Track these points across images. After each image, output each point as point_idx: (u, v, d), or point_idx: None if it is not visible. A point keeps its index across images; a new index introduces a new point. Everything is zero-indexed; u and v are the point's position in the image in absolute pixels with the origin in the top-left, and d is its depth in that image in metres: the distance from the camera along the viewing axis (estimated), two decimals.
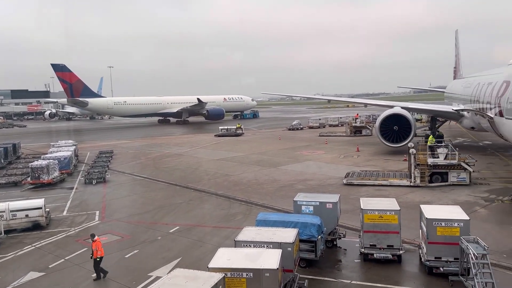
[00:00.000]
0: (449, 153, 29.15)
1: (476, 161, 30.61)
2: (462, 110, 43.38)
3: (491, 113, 30.78)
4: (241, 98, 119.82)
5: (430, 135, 34.64)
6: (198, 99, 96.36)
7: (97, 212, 26.76)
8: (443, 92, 74.14)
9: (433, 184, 29.16)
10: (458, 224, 15.62)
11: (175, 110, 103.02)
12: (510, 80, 27.35)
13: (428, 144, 31.06)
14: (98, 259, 17.01)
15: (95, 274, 17.02)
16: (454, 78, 72.69)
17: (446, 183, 29.19)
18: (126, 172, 40.66)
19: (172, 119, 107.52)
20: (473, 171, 29.31)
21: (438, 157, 29.33)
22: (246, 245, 14.76)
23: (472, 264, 13.69)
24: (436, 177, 29.44)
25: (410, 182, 29.56)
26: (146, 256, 19.16)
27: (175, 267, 16.90)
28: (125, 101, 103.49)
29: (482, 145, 47.77)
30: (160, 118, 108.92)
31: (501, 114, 27.81)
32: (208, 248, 19.38)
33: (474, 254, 13.69)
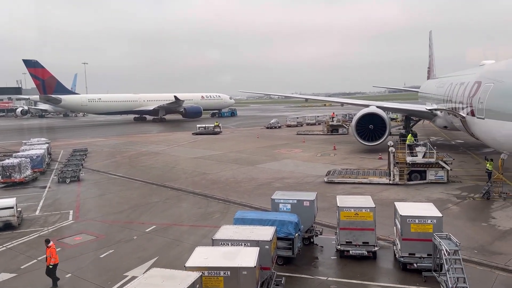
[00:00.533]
0: (428, 151, 29.83)
1: (453, 159, 31.42)
2: (436, 109, 44.47)
3: (463, 113, 31.66)
4: (219, 96, 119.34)
5: (409, 134, 35.42)
6: (175, 96, 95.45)
7: (71, 211, 26.17)
8: (417, 92, 75.85)
9: (412, 182, 29.77)
10: (431, 221, 16.00)
11: (152, 108, 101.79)
12: (481, 81, 28.17)
13: (407, 142, 31.69)
14: (51, 266, 16.08)
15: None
16: (428, 78, 74.47)
17: (425, 181, 29.84)
18: (101, 170, 39.92)
19: (148, 117, 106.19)
20: (451, 169, 30.04)
21: (416, 155, 29.95)
22: (224, 244, 14.73)
23: (444, 260, 14.05)
24: (415, 175, 30.07)
25: (390, 180, 30.10)
26: (121, 256, 18.86)
27: (151, 266, 16.69)
28: (100, 99, 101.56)
29: (455, 143, 49.09)
30: (136, 116, 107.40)
31: (472, 114, 28.63)
32: (185, 247, 19.24)
33: (446, 250, 14.06)
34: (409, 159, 29.83)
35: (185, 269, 12.44)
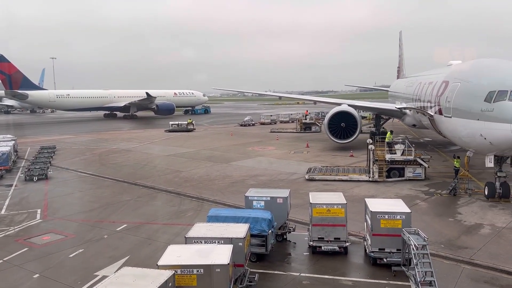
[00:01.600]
0: (406, 149, 30.53)
1: (431, 157, 32.27)
2: (405, 108, 45.58)
3: (431, 112, 32.57)
4: (192, 93, 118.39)
5: (388, 132, 36.19)
6: (147, 93, 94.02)
7: (39, 210, 25.39)
8: (387, 91, 77.50)
9: (390, 179, 30.41)
10: (400, 217, 16.42)
11: (122, 105, 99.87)
12: (448, 81, 29.07)
13: (386, 140, 32.37)
14: None
15: None
16: (398, 77, 76.16)
17: (403, 178, 30.53)
18: (70, 168, 38.89)
19: (119, 114, 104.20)
20: (428, 166, 30.85)
21: (395, 153, 30.61)
22: (197, 242, 14.66)
23: (413, 255, 14.45)
24: (394, 172, 30.72)
25: (369, 177, 30.64)
26: (92, 255, 18.46)
27: (123, 265, 16.41)
28: (69, 94, 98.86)
29: (423, 141, 50.52)
30: (106, 112, 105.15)
31: (440, 112, 29.51)
32: (158, 245, 19.01)
33: (415, 245, 14.46)
34: (388, 157, 30.47)
35: (157, 267, 12.31)
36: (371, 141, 31.90)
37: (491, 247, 18.05)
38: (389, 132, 36.50)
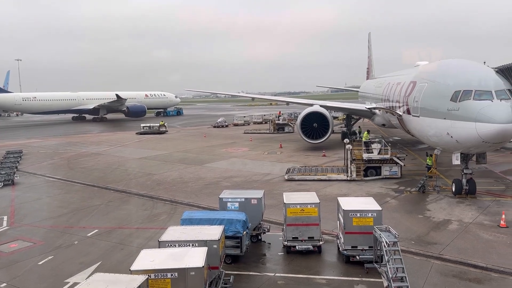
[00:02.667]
0: (382, 148, 31.17)
1: (406, 155, 32.95)
2: (374, 108, 46.57)
3: (399, 111, 33.39)
4: (164, 95, 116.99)
5: (365, 131, 36.83)
6: (116, 95, 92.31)
7: (5, 217, 24.46)
8: (358, 91, 78.97)
9: (368, 178, 30.94)
10: (371, 214, 16.74)
11: (92, 107, 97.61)
12: (416, 81, 29.87)
13: (364, 139, 32.95)
14: None
15: None
16: (367, 78, 77.74)
17: (380, 177, 31.13)
18: (38, 173, 37.67)
19: (88, 117, 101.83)
20: (404, 165, 31.54)
21: (372, 152, 31.18)
22: (171, 245, 14.48)
23: (384, 252, 14.74)
24: (371, 171, 31.28)
25: (347, 176, 31.06)
26: (62, 262, 17.93)
27: (94, 271, 16.02)
28: (35, 97, 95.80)
29: (392, 140, 51.70)
30: (75, 115, 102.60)
31: (408, 112, 30.29)
32: (131, 250, 18.68)
33: (386, 242, 14.76)
34: (365, 156, 31.00)
35: (130, 272, 12.09)
36: (348, 141, 32.45)
37: (459, 242, 18.65)
38: (366, 132, 37.18)
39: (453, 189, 26.02)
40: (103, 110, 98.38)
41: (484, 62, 29.35)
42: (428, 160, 30.27)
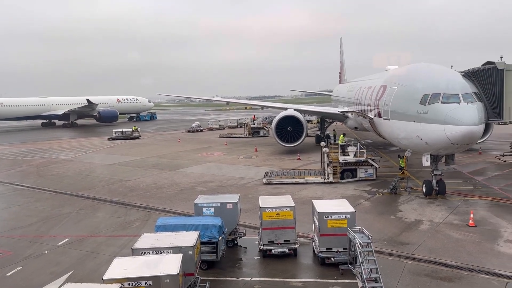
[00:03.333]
0: (358, 150, 31.66)
1: (381, 157, 33.51)
2: (347, 112, 47.36)
3: (371, 115, 34.05)
4: (136, 99, 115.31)
5: (341, 134, 37.39)
6: (87, 100, 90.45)
7: None
8: (331, 95, 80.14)
9: (344, 180, 31.34)
10: (345, 216, 16.96)
11: (62, 112, 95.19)
12: (386, 85, 30.55)
13: (340, 142, 33.37)
14: None
15: None
16: (340, 82, 79.00)
17: (356, 179, 31.57)
18: (5, 181, 36.36)
19: (58, 122, 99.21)
20: (379, 167, 32.06)
21: (348, 155, 31.60)
22: (145, 253, 14.23)
23: (358, 253, 14.94)
24: (347, 173, 31.71)
25: (324, 179, 31.39)
26: (31, 272, 17.34)
27: (66, 281, 15.56)
28: (2, 103, 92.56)
29: (364, 143, 52.55)
30: (44, 121, 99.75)
31: (379, 115, 30.92)
32: (103, 259, 18.25)
33: (360, 243, 14.96)
34: (341, 158, 31.41)
35: (103, 282, 11.82)
36: (324, 144, 32.86)
37: (430, 242, 19.12)
38: (342, 135, 37.71)
39: (424, 190, 26.70)
40: (74, 116, 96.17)
41: (451, 66, 30.35)
42: (400, 162, 30.97)
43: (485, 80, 25.69)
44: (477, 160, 38.77)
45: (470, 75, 26.08)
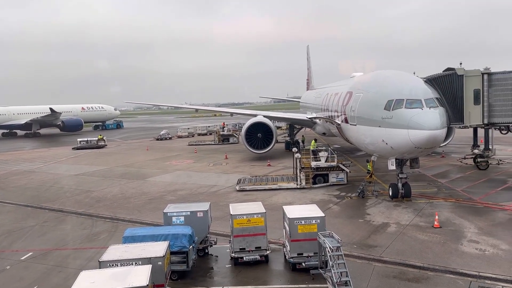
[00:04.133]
0: (329, 156, 32.06)
1: (351, 162, 34.00)
2: (315, 118, 48.04)
3: (338, 121, 34.67)
4: (102, 107, 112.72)
5: (313, 140, 37.76)
6: (50, 109, 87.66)
7: None
8: (299, 101, 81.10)
9: (316, 185, 31.66)
10: (315, 221, 17.13)
11: (23, 122, 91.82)
12: (352, 91, 31.22)
13: (311, 148, 33.71)
14: None
15: None
16: (307, 89, 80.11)
17: (328, 184, 31.97)
18: None
19: (20, 132, 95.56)
20: (350, 171, 32.57)
21: (320, 160, 31.93)
22: (113, 265, 13.86)
23: (328, 257, 15.08)
24: (319, 178, 32.07)
25: (297, 185, 31.62)
26: None
27: None
28: None
29: (332, 148, 53.48)
30: (5, 131, 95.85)
31: (346, 121, 31.53)
32: (69, 272, 17.63)
33: (330, 247, 15.13)
34: (313, 164, 31.75)
35: None
36: (296, 150, 33.19)
37: (397, 244, 19.58)
38: (313, 141, 38.11)
39: (390, 193, 27.36)
40: (36, 125, 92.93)
41: (414, 73, 31.43)
42: (368, 166, 31.67)
43: (446, 86, 26.71)
44: (440, 163, 40.15)
45: (432, 81, 27.04)
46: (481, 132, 38.20)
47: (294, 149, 34.03)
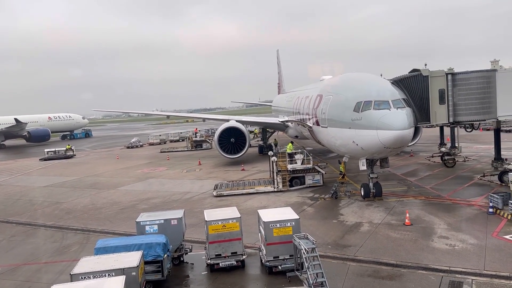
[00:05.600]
0: (305, 158, 32.28)
1: (327, 163, 34.30)
2: (287, 121, 48.40)
3: (309, 123, 35.07)
4: (69, 116, 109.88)
5: (289, 143, 38.05)
6: (15, 119, 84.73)
7: None
8: (271, 105, 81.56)
9: (293, 188, 31.87)
10: (290, 224, 17.21)
11: None
12: (322, 94, 31.66)
13: (288, 151, 33.85)
14: None
15: None
16: (279, 93, 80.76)
17: (304, 186, 32.20)
18: None
19: None
20: (325, 173, 32.86)
21: (296, 163, 32.10)
22: (85, 277, 13.49)
23: (304, 259, 15.19)
24: (296, 181, 32.30)
25: (274, 188, 31.71)
26: None
27: None
28: None
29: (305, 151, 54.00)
30: None
31: (317, 123, 31.93)
32: (40, 287, 17.03)
33: (305, 249, 15.25)
34: (290, 167, 31.91)
35: None
36: (272, 153, 33.31)
37: (371, 243, 19.92)
38: (290, 144, 38.33)
39: (362, 193, 27.86)
40: (1, 137, 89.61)
41: (381, 75, 32.18)
42: (341, 167, 32.13)
43: (412, 86, 27.44)
44: (409, 162, 41.21)
45: (398, 82, 27.74)
46: (447, 131, 39.56)
47: (270, 152, 34.21)
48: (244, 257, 18.04)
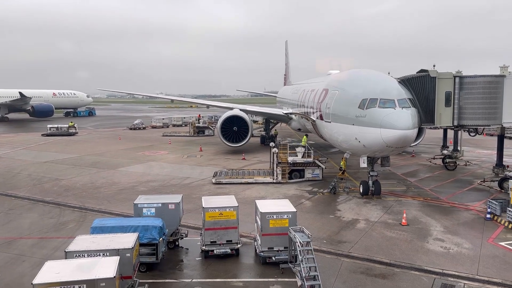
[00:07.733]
0: (306, 151, 32.26)
1: (327, 159, 34.28)
2: (291, 113, 48.28)
3: (313, 117, 34.96)
4: (74, 94, 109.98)
5: (304, 136, 38.13)
6: (20, 93, 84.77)
7: None
8: (276, 96, 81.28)
9: (292, 180, 31.88)
10: (287, 216, 17.26)
11: None
12: (328, 89, 31.49)
13: (303, 143, 33.93)
14: None
15: None
16: (284, 84, 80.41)
17: (303, 179, 32.19)
18: None
19: None
20: (325, 168, 32.83)
21: (296, 156, 32.09)
22: (80, 255, 13.56)
23: (298, 251, 15.26)
24: (295, 173, 32.32)
25: (273, 179, 31.75)
26: None
27: None
28: None
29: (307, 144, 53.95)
30: None
31: (321, 118, 31.82)
32: (34, 262, 17.17)
33: (300, 242, 15.30)
34: (290, 159, 31.96)
35: (32, 287, 11.10)
36: (273, 144, 33.29)
37: (366, 240, 19.97)
38: (305, 136, 38.33)
39: (361, 190, 27.85)
40: (4, 110, 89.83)
41: (389, 73, 31.91)
42: (342, 163, 32.10)
43: (419, 87, 27.25)
44: (410, 162, 41.13)
45: (405, 81, 27.53)
46: (450, 133, 39.37)
47: (272, 144, 34.19)
48: (238, 245, 18.11)
